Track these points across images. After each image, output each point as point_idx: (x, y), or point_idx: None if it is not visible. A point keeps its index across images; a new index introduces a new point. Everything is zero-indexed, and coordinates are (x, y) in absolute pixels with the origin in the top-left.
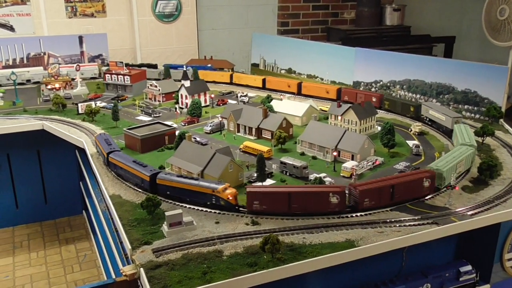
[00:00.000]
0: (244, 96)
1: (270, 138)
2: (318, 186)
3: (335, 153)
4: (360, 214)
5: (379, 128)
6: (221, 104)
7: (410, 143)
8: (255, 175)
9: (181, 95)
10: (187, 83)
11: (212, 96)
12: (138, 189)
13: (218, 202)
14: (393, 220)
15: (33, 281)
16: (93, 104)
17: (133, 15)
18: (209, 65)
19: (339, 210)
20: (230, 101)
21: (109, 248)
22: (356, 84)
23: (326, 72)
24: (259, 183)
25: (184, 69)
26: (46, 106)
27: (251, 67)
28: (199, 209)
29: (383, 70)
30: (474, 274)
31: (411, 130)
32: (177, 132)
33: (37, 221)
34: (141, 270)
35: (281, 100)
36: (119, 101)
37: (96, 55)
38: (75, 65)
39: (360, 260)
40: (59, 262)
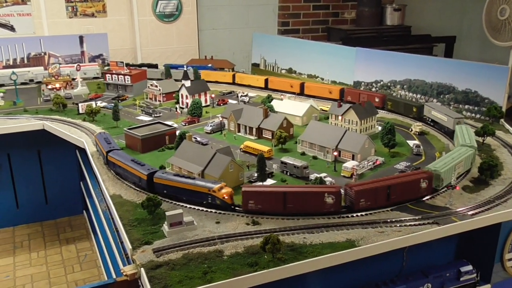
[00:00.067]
0: (245, 96)
1: (271, 138)
2: (314, 186)
3: (336, 153)
4: (356, 215)
5: (380, 128)
6: (222, 104)
7: (411, 143)
8: (256, 175)
9: (182, 95)
10: (188, 83)
11: (213, 96)
12: (136, 188)
13: (214, 202)
14: (394, 220)
15: (34, 281)
16: (94, 104)
17: (134, 15)
18: (210, 65)
19: (335, 211)
20: (231, 101)
21: (110, 248)
22: (357, 84)
23: (327, 72)
24: (260, 183)
25: (185, 69)
26: (47, 106)
27: (252, 67)
28: (200, 209)
29: (384, 70)
30: (475, 274)
31: (412, 130)
32: (178, 132)
33: (38, 221)
34: (142, 270)
35: (282, 100)
36: (120, 101)
37: (97, 55)
38: (76, 65)
39: (361, 260)
40: (60, 262)
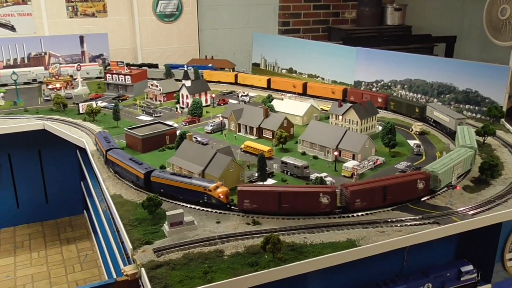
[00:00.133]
0: (245, 96)
1: (271, 138)
2: (309, 186)
3: (336, 153)
4: (357, 215)
5: (380, 128)
6: (222, 104)
7: (411, 143)
8: (256, 175)
9: (182, 95)
10: (188, 83)
11: (213, 96)
12: (135, 187)
13: (210, 201)
14: (394, 220)
15: (34, 281)
16: (94, 104)
17: (134, 15)
18: (210, 65)
19: (330, 211)
20: (231, 101)
21: (110, 248)
22: (357, 84)
23: (327, 72)
24: (260, 183)
25: (185, 69)
26: (47, 106)
27: (252, 67)
28: (201, 209)
29: (384, 70)
30: (475, 274)
31: (412, 130)
32: (178, 132)
33: (38, 221)
34: (142, 270)
35: (282, 100)
36: (120, 101)
37: (97, 55)
38: (76, 65)
39: (361, 260)
40: (60, 262)
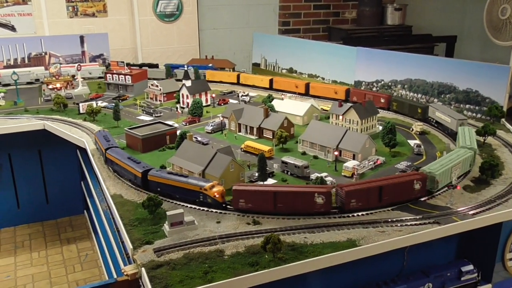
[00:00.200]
0: (245, 96)
1: (271, 138)
2: (304, 186)
3: (337, 153)
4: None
5: (381, 128)
6: (222, 104)
7: (412, 143)
8: (257, 175)
9: (182, 95)
10: (188, 83)
11: (213, 96)
12: (134, 187)
13: (206, 200)
14: (395, 220)
15: (35, 281)
16: (94, 104)
17: (134, 15)
18: (210, 65)
19: (325, 211)
20: (231, 101)
21: (111, 248)
22: (357, 84)
23: (328, 72)
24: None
25: (185, 69)
26: (47, 106)
27: (252, 67)
28: (201, 209)
29: (385, 70)
30: (476, 274)
31: (413, 130)
32: (178, 132)
33: (39, 221)
34: (143, 270)
35: (283, 100)
36: (120, 101)
37: (97, 55)
38: (76, 65)
39: (362, 260)
40: (61, 262)
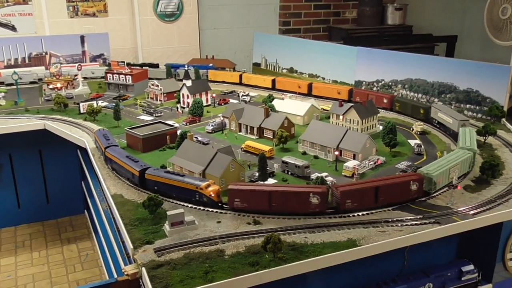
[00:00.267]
0: (246, 96)
1: (272, 138)
2: (299, 186)
3: (337, 153)
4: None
5: (381, 128)
6: (223, 104)
7: (412, 143)
8: (257, 175)
9: (183, 95)
10: (189, 83)
11: (214, 96)
12: (135, 187)
13: (202, 199)
14: (395, 220)
15: (35, 281)
16: (95, 104)
17: (135, 15)
18: (211, 65)
19: (320, 211)
20: (232, 101)
21: (111, 248)
22: (358, 84)
23: (328, 72)
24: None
25: (186, 69)
26: (48, 106)
27: (253, 67)
28: (201, 209)
29: (385, 70)
30: (476, 274)
31: (413, 130)
32: (179, 132)
33: (39, 221)
34: (143, 270)
35: (283, 100)
36: (121, 101)
37: (98, 55)
38: (77, 65)
39: (362, 260)
40: (61, 262)
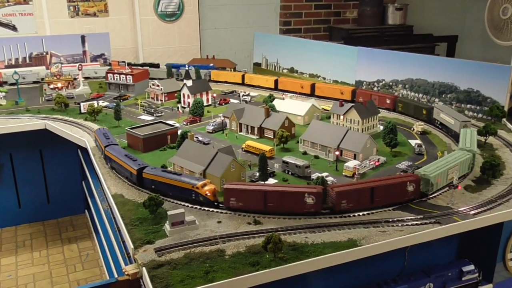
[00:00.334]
0: (247, 96)
1: (272, 138)
2: (294, 186)
3: (337, 153)
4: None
5: (382, 128)
6: (223, 104)
7: (413, 143)
8: (257, 175)
9: (183, 95)
10: (189, 83)
11: (214, 96)
12: (135, 186)
13: (198, 198)
14: (396, 220)
15: (36, 280)
16: (96, 104)
17: (135, 15)
18: (211, 65)
19: (315, 211)
20: (232, 101)
21: (112, 248)
22: (359, 84)
23: (329, 72)
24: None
25: (186, 69)
26: (49, 106)
27: (253, 67)
28: (202, 209)
29: (386, 70)
30: (477, 274)
31: (414, 130)
32: (179, 132)
33: (40, 221)
34: (144, 270)
35: (283, 100)
36: (122, 101)
37: (98, 55)
38: (78, 65)
39: (362, 260)
40: (62, 262)
